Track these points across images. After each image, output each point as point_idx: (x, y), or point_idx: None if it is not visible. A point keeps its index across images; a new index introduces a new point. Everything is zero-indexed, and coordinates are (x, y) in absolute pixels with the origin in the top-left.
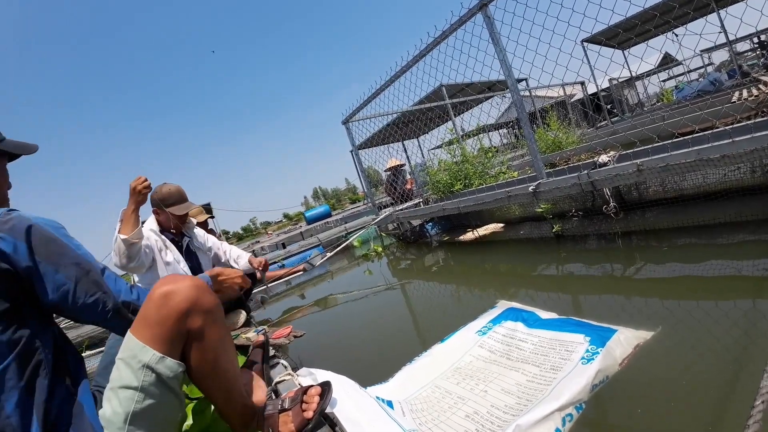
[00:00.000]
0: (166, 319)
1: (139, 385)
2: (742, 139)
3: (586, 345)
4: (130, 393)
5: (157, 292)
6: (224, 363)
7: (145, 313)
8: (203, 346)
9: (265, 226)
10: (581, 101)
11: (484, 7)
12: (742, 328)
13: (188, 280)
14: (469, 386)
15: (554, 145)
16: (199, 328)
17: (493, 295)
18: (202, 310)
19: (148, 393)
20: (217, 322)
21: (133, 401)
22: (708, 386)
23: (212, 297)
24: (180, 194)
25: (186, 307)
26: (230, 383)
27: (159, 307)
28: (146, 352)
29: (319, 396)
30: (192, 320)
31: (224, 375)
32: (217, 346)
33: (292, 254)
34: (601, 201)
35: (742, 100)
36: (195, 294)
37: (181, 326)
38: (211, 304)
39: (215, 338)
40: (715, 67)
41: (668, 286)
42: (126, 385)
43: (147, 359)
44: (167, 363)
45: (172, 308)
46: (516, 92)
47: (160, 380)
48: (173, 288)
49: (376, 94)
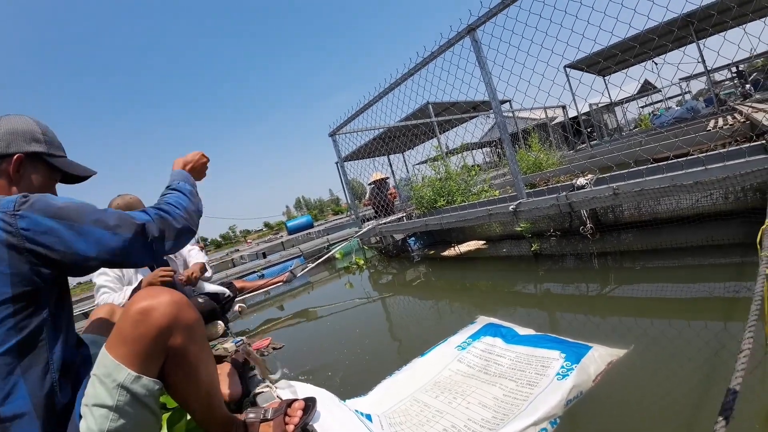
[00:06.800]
0: (143, 337)
1: (113, 404)
2: (715, 167)
3: (562, 361)
4: (105, 412)
5: (135, 307)
6: (204, 377)
7: (121, 328)
8: (183, 363)
9: (245, 234)
10: (562, 124)
11: (472, 31)
12: (712, 348)
13: (167, 295)
14: (447, 400)
15: (535, 166)
16: (180, 346)
17: (472, 310)
18: (183, 327)
19: (122, 413)
20: (197, 338)
21: (108, 420)
22: (677, 404)
23: (193, 312)
24: (129, 208)
25: (166, 325)
26: (210, 396)
27: (136, 323)
28: (121, 371)
29: (302, 410)
30: (173, 338)
31: (204, 389)
32: (197, 362)
33: (272, 264)
34: (578, 222)
35: (718, 128)
36: (175, 310)
37: (159, 344)
38: (191, 320)
39: (196, 354)
40: (693, 95)
41: (641, 305)
42: (100, 403)
43: (122, 379)
44: (143, 382)
45: (150, 325)
46: (499, 113)
47: (135, 399)
48: (152, 304)
49: (364, 108)
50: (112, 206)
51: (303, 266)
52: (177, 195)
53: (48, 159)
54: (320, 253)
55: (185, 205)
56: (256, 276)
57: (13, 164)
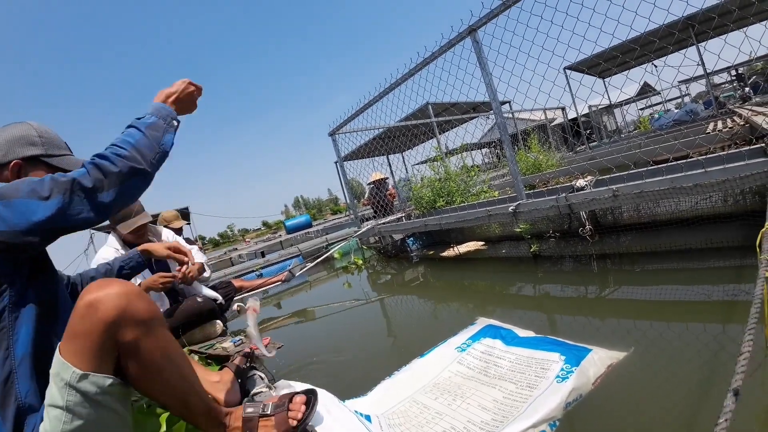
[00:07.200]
0: (90, 332)
1: (64, 404)
2: (715, 170)
3: (561, 364)
4: (58, 413)
5: (82, 301)
6: (170, 371)
7: (70, 324)
8: (141, 360)
9: (243, 233)
10: (561, 126)
11: (473, 32)
12: (712, 351)
13: (116, 286)
14: (446, 401)
15: (534, 167)
16: (133, 341)
17: (472, 311)
18: (134, 321)
19: (75, 413)
20: (153, 332)
21: (61, 422)
22: (677, 406)
23: (145, 303)
24: (127, 209)
25: (112, 319)
26: (184, 393)
27: (83, 318)
28: (67, 369)
29: (304, 405)
30: (122, 332)
31: (172, 383)
32: (157, 358)
33: (271, 263)
34: (577, 223)
35: (717, 131)
36: (123, 302)
37: (108, 339)
38: (144, 313)
39: (154, 349)
40: (692, 98)
41: (641, 308)
42: (53, 403)
43: (68, 378)
44: (92, 380)
45: (97, 320)
46: (499, 114)
47: (86, 398)
48: (98, 296)
49: (364, 108)
50: None
51: (301, 266)
52: (127, 133)
53: (46, 160)
54: (319, 253)
55: (133, 142)
56: (255, 275)
57: (11, 170)
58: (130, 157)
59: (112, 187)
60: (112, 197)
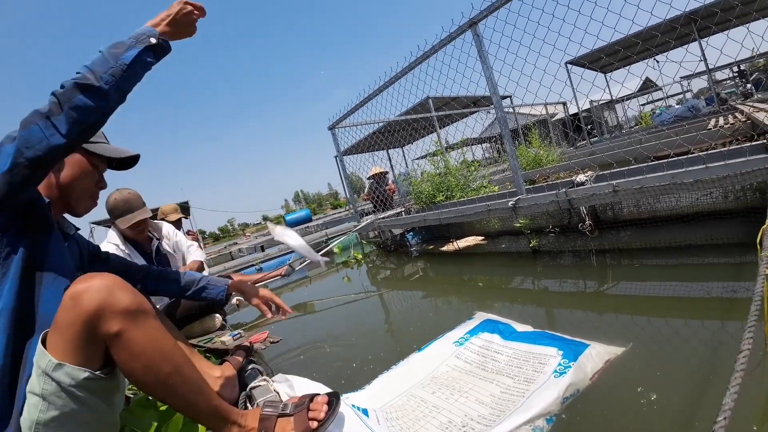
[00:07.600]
0: (72, 324)
1: (40, 392)
2: (716, 166)
3: (559, 358)
4: (36, 400)
5: (68, 293)
6: (163, 365)
7: (57, 315)
8: (129, 352)
9: (243, 227)
10: (562, 121)
11: (474, 25)
12: (711, 347)
13: (98, 279)
14: (444, 396)
15: (534, 162)
16: (117, 333)
17: (470, 306)
18: (117, 312)
19: (50, 402)
20: (140, 323)
21: (38, 409)
22: (675, 403)
23: (129, 295)
24: (126, 204)
25: (93, 310)
26: (185, 388)
27: (66, 310)
28: (44, 357)
29: (327, 405)
30: (105, 324)
31: (168, 378)
32: (147, 348)
33: (270, 257)
34: (577, 219)
35: (719, 127)
36: (104, 294)
37: (89, 331)
38: (127, 304)
39: (142, 340)
40: (694, 93)
41: (640, 303)
42: (32, 390)
43: (44, 365)
44: (66, 370)
45: (79, 311)
46: (500, 109)
47: (61, 389)
48: (81, 288)
49: (364, 102)
50: (110, 201)
51: (301, 260)
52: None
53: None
54: (318, 247)
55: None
56: (255, 269)
57: None
58: (80, 77)
59: (64, 108)
60: (65, 119)
